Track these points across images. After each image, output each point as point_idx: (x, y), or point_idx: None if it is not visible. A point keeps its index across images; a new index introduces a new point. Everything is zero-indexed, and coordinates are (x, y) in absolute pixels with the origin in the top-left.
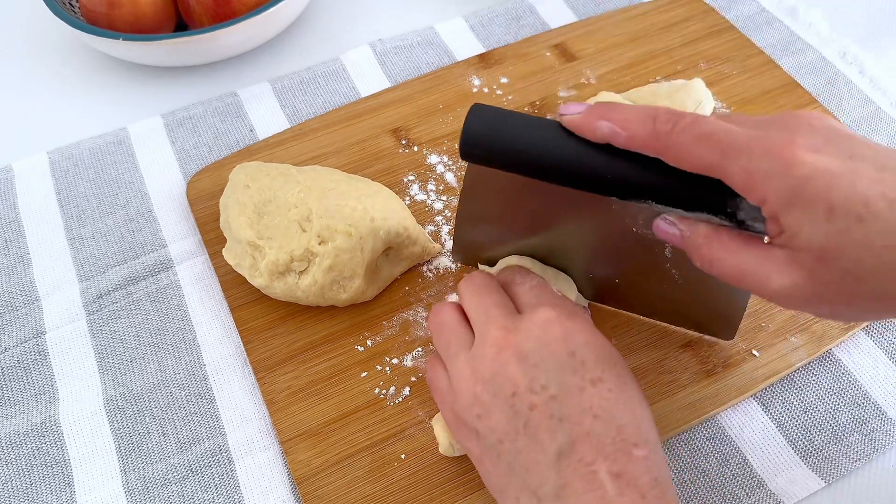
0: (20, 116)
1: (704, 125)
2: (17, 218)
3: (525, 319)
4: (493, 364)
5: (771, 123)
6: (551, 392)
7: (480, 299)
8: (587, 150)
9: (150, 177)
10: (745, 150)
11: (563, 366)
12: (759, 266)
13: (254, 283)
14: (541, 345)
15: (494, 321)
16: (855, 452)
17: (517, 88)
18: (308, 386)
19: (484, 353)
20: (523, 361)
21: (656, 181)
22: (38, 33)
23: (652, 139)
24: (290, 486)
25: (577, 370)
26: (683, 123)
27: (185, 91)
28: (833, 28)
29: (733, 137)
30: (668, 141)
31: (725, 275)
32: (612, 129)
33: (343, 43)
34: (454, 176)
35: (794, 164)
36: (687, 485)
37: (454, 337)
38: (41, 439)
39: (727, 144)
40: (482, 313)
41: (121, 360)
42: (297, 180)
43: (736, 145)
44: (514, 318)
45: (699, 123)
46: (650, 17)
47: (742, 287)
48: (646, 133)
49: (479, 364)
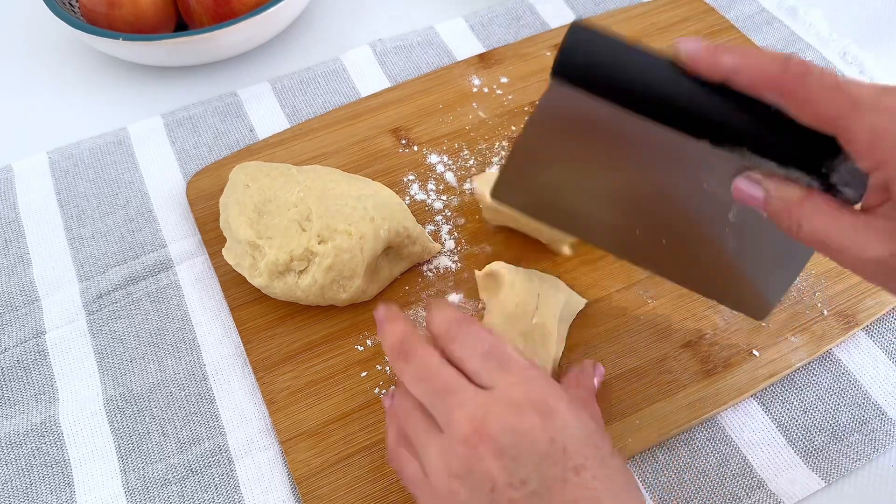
0: (20, 116)
1: (836, 76)
2: (16, 218)
3: (494, 402)
4: (469, 459)
5: None
6: (532, 487)
7: (428, 385)
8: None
9: (150, 177)
10: (875, 107)
11: (543, 456)
12: (854, 233)
13: (254, 282)
14: (517, 435)
15: (458, 411)
16: (855, 452)
17: (517, 88)
18: (308, 386)
19: (456, 448)
20: (500, 456)
21: (758, 127)
22: (38, 33)
23: (780, 79)
24: (290, 485)
25: (559, 460)
26: (816, 70)
27: (185, 91)
28: (833, 28)
29: (865, 93)
30: (798, 83)
31: (814, 239)
32: (736, 64)
33: (343, 43)
34: (454, 176)
35: None
36: (687, 485)
37: (420, 425)
38: (41, 439)
39: (858, 99)
40: (438, 402)
41: (121, 360)
42: (297, 180)
43: (866, 102)
44: (478, 402)
45: (831, 73)
46: (650, 16)
47: (828, 253)
48: (776, 71)
49: (453, 458)
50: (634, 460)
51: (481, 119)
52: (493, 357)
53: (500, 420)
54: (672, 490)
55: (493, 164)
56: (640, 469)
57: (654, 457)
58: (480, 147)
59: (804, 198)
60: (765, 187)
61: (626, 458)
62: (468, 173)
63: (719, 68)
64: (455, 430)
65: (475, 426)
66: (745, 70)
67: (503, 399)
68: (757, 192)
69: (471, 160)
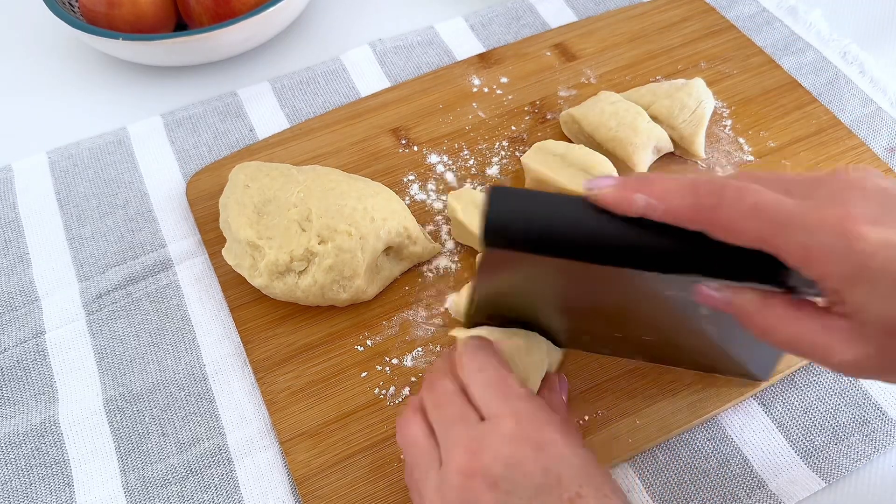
0: (20, 116)
1: (751, 196)
2: (16, 218)
3: (490, 434)
4: (463, 493)
5: (816, 188)
6: None
7: (441, 413)
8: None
9: (150, 177)
10: (800, 225)
11: (538, 488)
12: (819, 337)
13: (253, 283)
14: (510, 466)
15: (458, 441)
16: (855, 452)
17: (517, 88)
18: (308, 386)
19: (451, 480)
20: (494, 489)
21: (700, 254)
22: (38, 33)
23: (695, 213)
24: (290, 486)
25: (553, 489)
26: (729, 196)
27: (185, 91)
28: (833, 28)
29: (786, 210)
30: (714, 215)
31: (781, 344)
32: (648, 202)
33: (343, 43)
34: (454, 175)
35: (856, 240)
36: (687, 485)
37: (422, 457)
38: (41, 439)
39: (780, 218)
40: (445, 430)
41: (120, 360)
42: (297, 180)
43: (789, 219)
44: (476, 434)
45: (746, 195)
46: (650, 16)
47: (800, 356)
48: (687, 206)
49: (448, 491)
50: (634, 460)
51: (481, 119)
52: (493, 387)
53: (495, 452)
54: (672, 490)
55: (492, 164)
56: (641, 469)
57: (654, 457)
58: (480, 147)
59: (764, 303)
60: (723, 295)
61: (627, 458)
62: (468, 173)
63: (632, 208)
64: (453, 462)
65: (469, 458)
66: (657, 208)
67: (498, 431)
68: (719, 298)
69: (471, 160)
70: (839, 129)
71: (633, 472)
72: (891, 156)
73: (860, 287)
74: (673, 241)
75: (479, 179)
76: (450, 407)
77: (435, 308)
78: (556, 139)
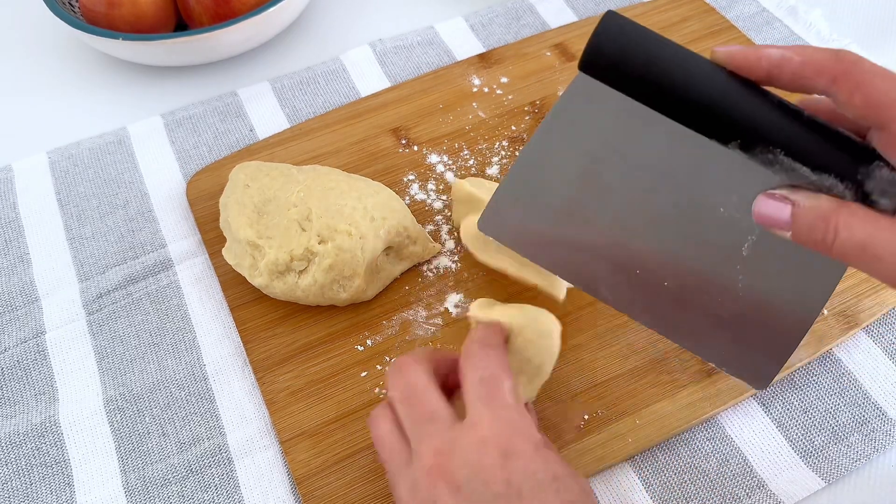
0: (20, 116)
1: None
2: (16, 218)
3: (462, 436)
4: (428, 493)
5: None
6: None
7: (410, 410)
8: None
9: (150, 177)
10: None
11: (496, 497)
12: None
13: (253, 282)
14: (475, 472)
15: (428, 441)
16: (855, 452)
17: (517, 88)
18: (308, 386)
19: (418, 480)
20: (456, 493)
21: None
22: (38, 33)
23: (832, 65)
24: (290, 486)
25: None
26: (867, 60)
27: (185, 91)
28: (833, 28)
29: None
30: (852, 69)
31: (852, 247)
32: (783, 53)
33: (343, 43)
34: (454, 175)
35: None
36: (687, 485)
37: (393, 455)
38: (41, 439)
39: None
40: (414, 428)
41: (121, 360)
42: (297, 180)
43: None
44: (447, 437)
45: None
46: (650, 16)
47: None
48: (826, 58)
49: (415, 491)
50: (634, 460)
51: (481, 119)
52: (484, 386)
53: (463, 456)
54: (672, 490)
55: (492, 164)
56: (641, 469)
57: (654, 457)
58: (480, 147)
59: (840, 205)
60: (793, 199)
61: (627, 458)
62: (468, 173)
63: (763, 61)
64: (421, 461)
65: (438, 460)
66: (793, 58)
67: (471, 434)
68: (782, 212)
69: (471, 160)
70: None
71: (633, 472)
72: None
73: None
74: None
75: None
76: (419, 405)
77: (435, 308)
78: None
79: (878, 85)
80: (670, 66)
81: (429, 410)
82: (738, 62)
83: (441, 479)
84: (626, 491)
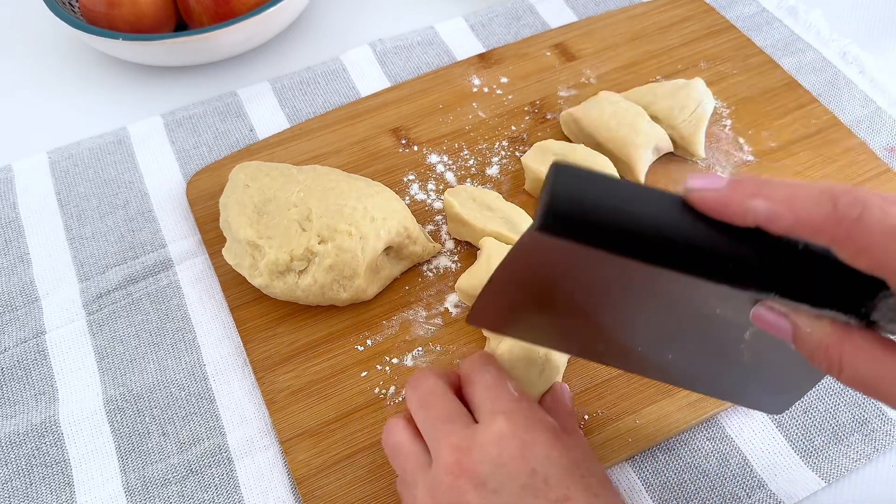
0: (20, 116)
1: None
2: (16, 218)
3: (480, 433)
4: (451, 493)
5: None
6: None
7: (428, 413)
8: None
9: (150, 177)
10: None
11: (524, 487)
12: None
13: (254, 282)
14: (497, 466)
15: (446, 440)
16: (855, 452)
17: (517, 88)
18: (308, 386)
19: (440, 480)
20: (481, 488)
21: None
22: (38, 33)
23: (831, 224)
24: (290, 486)
25: (540, 490)
26: (874, 210)
27: (185, 91)
28: (833, 28)
29: None
30: (854, 229)
31: (856, 382)
32: (771, 210)
33: (343, 43)
34: (454, 175)
35: None
36: (687, 485)
37: (409, 461)
38: (41, 439)
39: None
40: (432, 430)
41: (121, 360)
42: (297, 180)
43: None
44: (466, 434)
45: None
46: (650, 16)
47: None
48: (824, 215)
49: (437, 492)
50: (634, 460)
51: (481, 119)
52: (491, 389)
53: (483, 451)
54: (672, 490)
55: (492, 164)
56: (641, 469)
57: (654, 457)
58: (480, 147)
59: (843, 336)
60: (792, 321)
61: (627, 458)
62: (468, 173)
63: (748, 216)
64: (442, 460)
65: (458, 457)
66: (784, 215)
67: (489, 430)
68: (783, 324)
69: (471, 160)
70: (839, 129)
71: (633, 472)
72: (891, 156)
73: None
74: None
75: (478, 179)
76: (436, 407)
77: (435, 308)
78: (556, 139)
79: (886, 247)
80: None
81: (447, 411)
82: (719, 213)
83: (463, 476)
84: (626, 491)
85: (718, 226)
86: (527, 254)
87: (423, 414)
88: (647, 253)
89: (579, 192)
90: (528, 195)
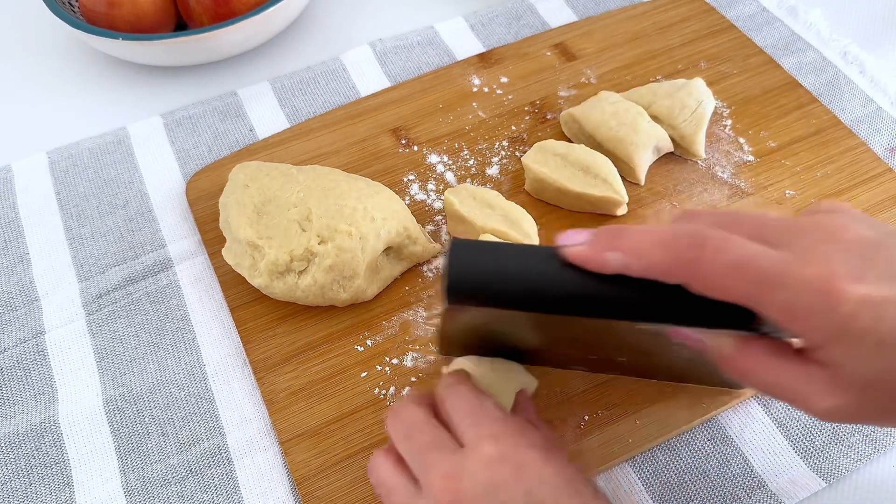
0: (20, 116)
1: (733, 251)
2: (16, 218)
3: (468, 459)
4: None
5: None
6: None
7: (411, 443)
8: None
9: (150, 177)
10: (782, 284)
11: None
12: (798, 385)
13: (253, 282)
14: (490, 491)
15: (434, 469)
16: (856, 452)
17: (517, 88)
18: (308, 386)
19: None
20: None
21: (674, 303)
22: (38, 33)
23: (675, 267)
24: (290, 486)
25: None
26: (710, 250)
27: (185, 91)
28: (833, 28)
29: (767, 267)
30: (695, 270)
31: (759, 388)
32: (623, 261)
33: (343, 43)
34: (454, 175)
35: (839, 301)
36: (687, 485)
37: (397, 492)
38: (40, 439)
39: (761, 277)
40: (419, 460)
41: (120, 360)
42: (296, 180)
43: (771, 277)
44: (454, 461)
45: (727, 249)
46: (650, 16)
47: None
48: (666, 261)
49: None
50: (635, 460)
51: (481, 119)
52: (473, 414)
53: (474, 477)
54: (672, 490)
55: (492, 164)
56: (641, 469)
57: (654, 457)
58: (480, 147)
59: (742, 348)
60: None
61: (627, 458)
62: (468, 173)
63: (608, 267)
64: (432, 489)
65: (449, 485)
66: (633, 266)
67: (477, 455)
68: (696, 338)
69: (471, 160)
70: (839, 129)
71: (633, 472)
72: (891, 156)
73: (841, 345)
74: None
75: (479, 179)
76: (421, 434)
77: (435, 308)
78: (556, 139)
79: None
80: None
81: (431, 439)
82: (586, 265)
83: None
84: (627, 491)
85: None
86: (454, 316)
87: (406, 444)
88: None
89: (471, 265)
90: (528, 195)
